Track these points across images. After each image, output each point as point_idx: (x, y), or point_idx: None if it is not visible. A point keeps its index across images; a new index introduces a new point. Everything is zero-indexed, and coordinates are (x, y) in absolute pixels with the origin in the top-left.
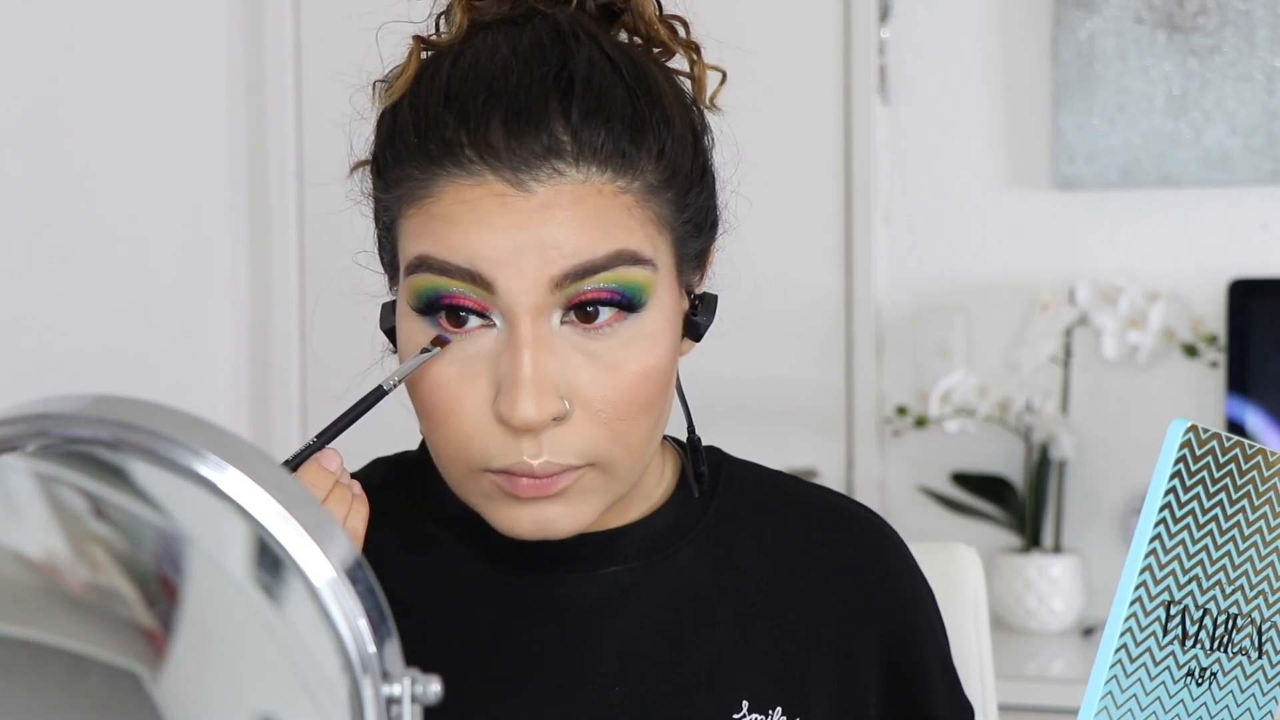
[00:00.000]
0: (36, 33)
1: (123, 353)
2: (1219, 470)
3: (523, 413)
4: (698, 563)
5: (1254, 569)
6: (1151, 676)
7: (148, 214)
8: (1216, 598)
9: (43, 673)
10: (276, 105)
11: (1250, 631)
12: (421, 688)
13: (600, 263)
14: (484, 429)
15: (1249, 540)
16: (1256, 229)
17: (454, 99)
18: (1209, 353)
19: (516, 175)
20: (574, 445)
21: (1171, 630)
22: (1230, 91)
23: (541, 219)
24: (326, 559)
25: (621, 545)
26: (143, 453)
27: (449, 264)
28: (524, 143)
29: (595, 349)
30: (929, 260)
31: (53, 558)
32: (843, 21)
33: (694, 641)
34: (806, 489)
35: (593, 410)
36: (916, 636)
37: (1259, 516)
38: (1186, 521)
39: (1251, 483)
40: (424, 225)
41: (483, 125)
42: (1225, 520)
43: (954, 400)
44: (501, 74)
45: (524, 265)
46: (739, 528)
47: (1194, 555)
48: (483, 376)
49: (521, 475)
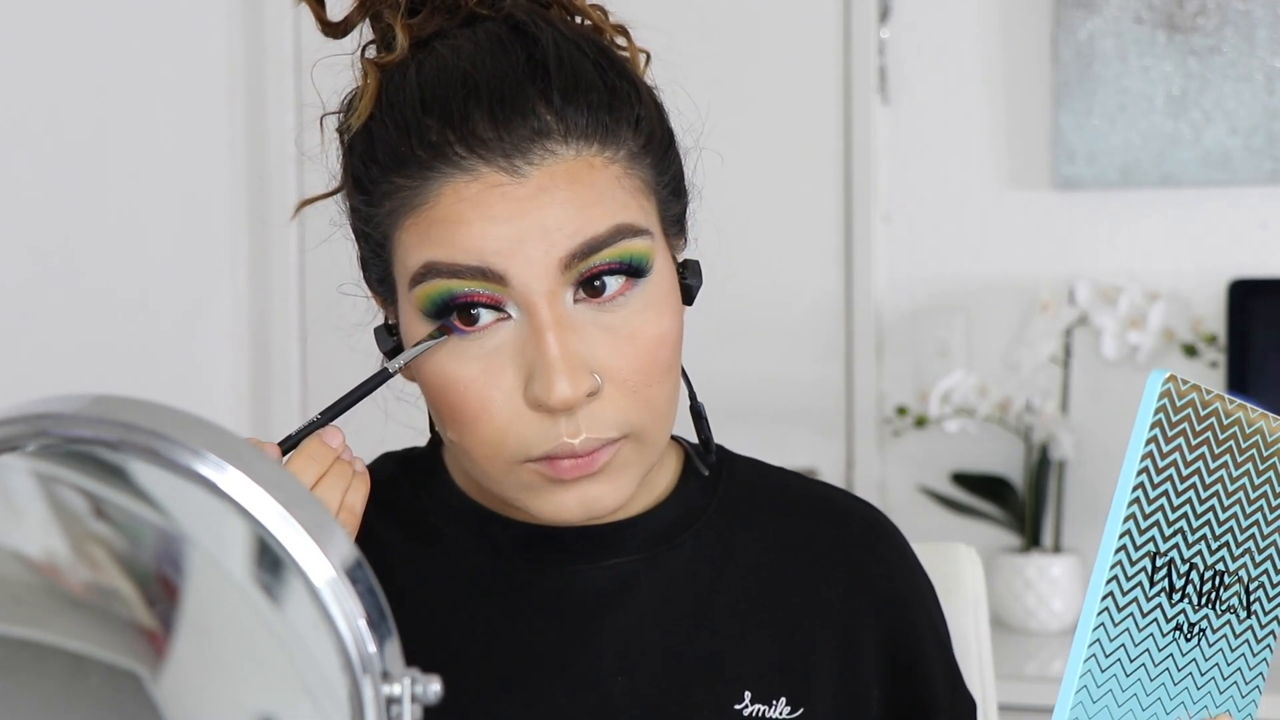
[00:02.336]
0: (37, 32)
1: (123, 352)
2: (1200, 424)
3: (559, 393)
4: (700, 555)
5: (1239, 526)
6: (1140, 628)
7: (148, 213)
8: (1202, 553)
9: (43, 673)
10: (276, 105)
11: (1238, 589)
12: (421, 687)
13: (603, 238)
14: (519, 420)
15: (1233, 497)
16: (1256, 229)
17: (431, 102)
18: (1209, 353)
19: (510, 162)
20: (609, 418)
21: (1159, 582)
22: (1230, 91)
23: (540, 203)
24: (326, 559)
25: (626, 537)
26: (143, 453)
27: (458, 265)
28: (512, 130)
29: (611, 322)
30: (929, 260)
31: (53, 558)
32: (843, 21)
33: (696, 633)
34: (806, 483)
35: (620, 381)
36: (916, 627)
37: (1242, 473)
38: (1169, 474)
39: (1234, 439)
40: (425, 231)
41: (467, 121)
42: (1208, 475)
43: (954, 400)
44: (474, 69)
45: (531, 252)
46: (741, 521)
47: (1178, 508)
48: (508, 369)
49: (564, 458)
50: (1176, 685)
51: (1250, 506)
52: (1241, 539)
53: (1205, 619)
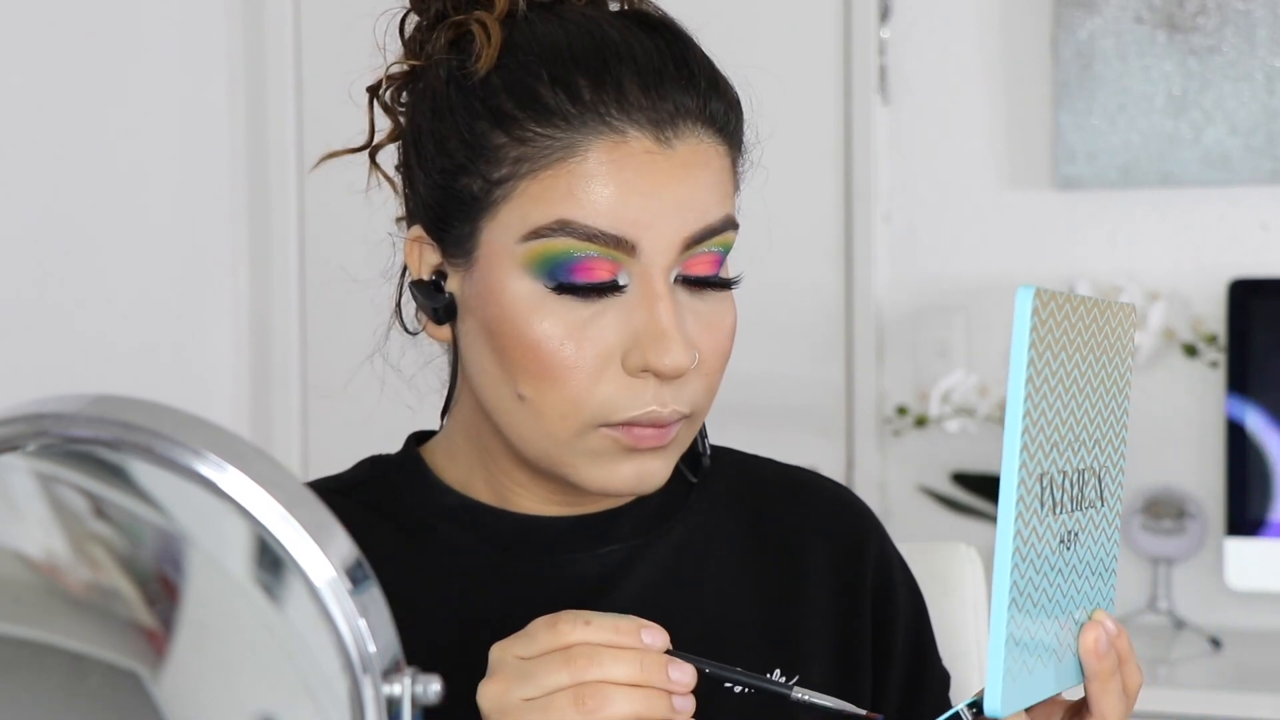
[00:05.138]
0: (37, 32)
1: (122, 352)
2: (1071, 331)
3: (674, 359)
4: (688, 539)
5: (1098, 419)
6: (1040, 555)
7: (147, 213)
8: (1069, 457)
9: (43, 673)
10: (276, 105)
11: (1094, 481)
12: (422, 687)
13: (717, 225)
14: (611, 382)
15: (1096, 392)
16: (1256, 229)
17: (583, 60)
18: (1209, 353)
19: (660, 132)
20: (688, 396)
21: (1046, 504)
22: (1230, 91)
23: (680, 178)
24: (326, 559)
25: (620, 524)
26: (143, 453)
27: (593, 229)
28: (664, 101)
29: (699, 306)
30: (929, 260)
31: (53, 558)
32: (843, 21)
33: (689, 614)
34: (773, 465)
35: (700, 362)
36: (895, 588)
37: (1100, 365)
38: (1044, 389)
39: (1093, 334)
40: (567, 186)
41: (620, 85)
42: (1070, 381)
43: (954, 400)
44: (624, 40)
45: (665, 225)
46: (723, 504)
47: (1052, 420)
48: (609, 333)
49: (646, 425)
50: (1066, 597)
51: (1106, 395)
52: (1095, 431)
53: (1077, 522)
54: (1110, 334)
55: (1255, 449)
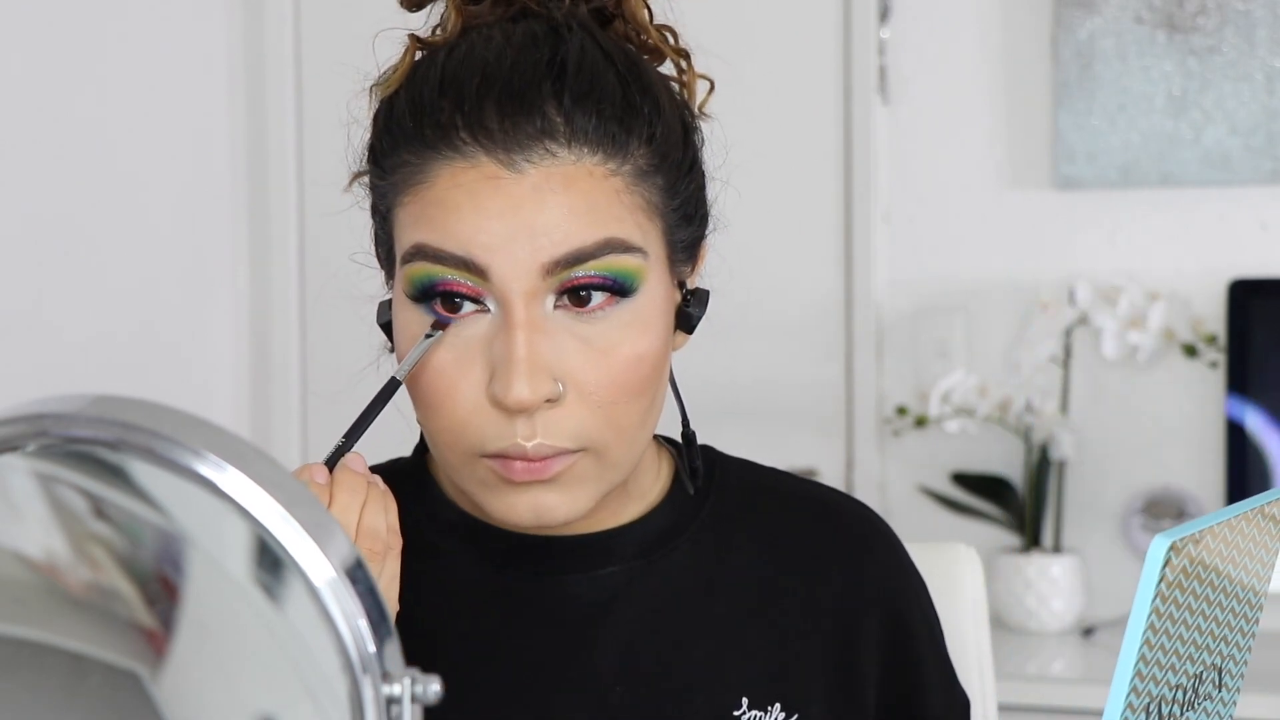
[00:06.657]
0: (38, 32)
1: (123, 352)
2: (1207, 559)
3: (516, 393)
4: (694, 561)
5: (1226, 622)
6: None
7: (147, 214)
8: (1187, 668)
9: (43, 673)
10: (276, 105)
11: (1212, 676)
12: (421, 688)
13: (590, 250)
14: (479, 413)
15: (1228, 599)
16: (1256, 229)
17: (449, 85)
18: (1209, 353)
19: (509, 156)
20: (567, 428)
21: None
22: (1230, 91)
23: (533, 203)
24: (326, 559)
25: (619, 545)
26: (143, 453)
27: (444, 252)
28: (517, 124)
29: (588, 333)
30: (929, 260)
31: (53, 558)
32: (843, 21)
33: (692, 640)
34: (797, 483)
35: (586, 393)
36: (910, 627)
37: (1235, 575)
38: (1166, 624)
39: (1233, 550)
40: (420, 212)
41: (476, 108)
42: (1210, 595)
43: (954, 400)
44: (495, 61)
45: (516, 251)
46: (733, 525)
47: (1171, 646)
48: (477, 361)
49: (516, 459)
50: None
51: (1230, 602)
52: (1219, 632)
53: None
54: (1254, 540)
55: (1255, 449)
